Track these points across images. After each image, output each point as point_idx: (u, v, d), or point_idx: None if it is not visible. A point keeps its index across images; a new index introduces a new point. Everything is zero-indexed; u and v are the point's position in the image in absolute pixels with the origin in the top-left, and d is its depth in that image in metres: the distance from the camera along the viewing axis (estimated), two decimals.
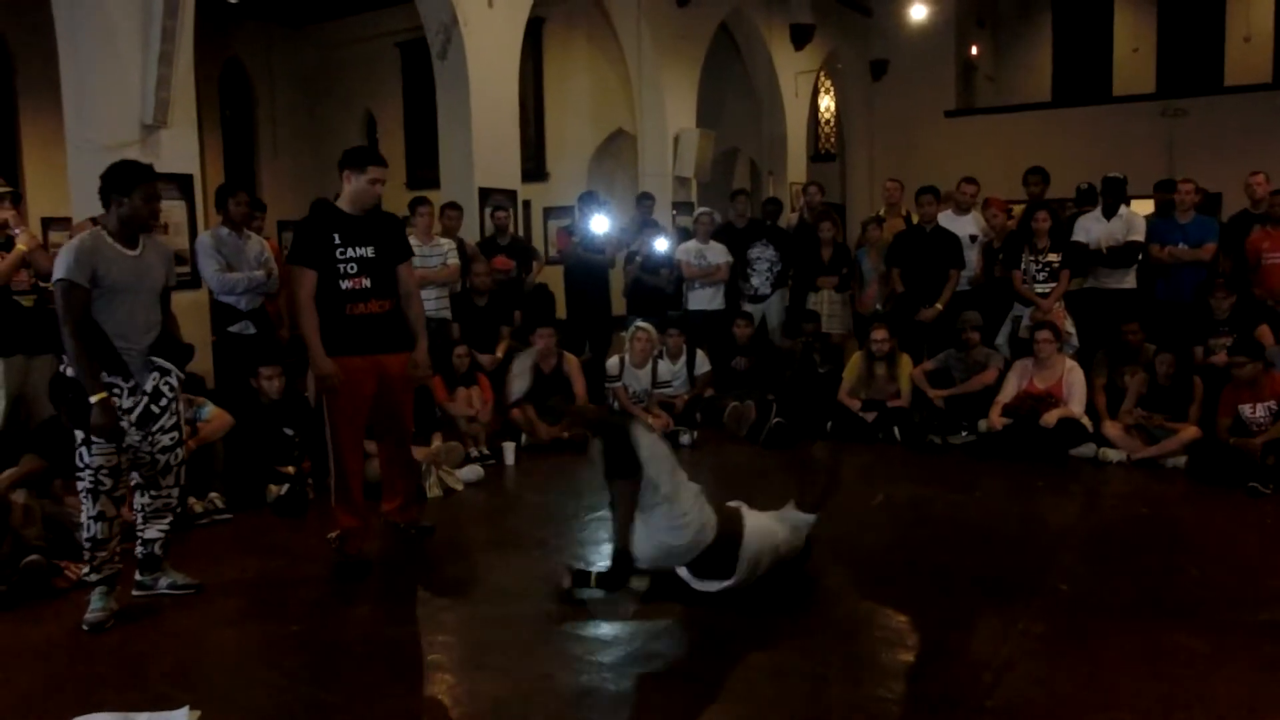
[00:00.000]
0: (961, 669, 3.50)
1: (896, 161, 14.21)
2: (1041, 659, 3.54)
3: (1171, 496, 5.89)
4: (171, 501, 4.20)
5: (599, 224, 8.85)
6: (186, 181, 6.56)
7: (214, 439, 5.53)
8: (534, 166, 13.07)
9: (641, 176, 11.53)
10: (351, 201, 4.60)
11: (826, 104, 16.59)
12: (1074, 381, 6.87)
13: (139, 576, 4.22)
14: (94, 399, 3.79)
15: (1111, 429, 6.61)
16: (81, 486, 3.94)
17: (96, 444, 3.87)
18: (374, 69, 14.72)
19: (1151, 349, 6.78)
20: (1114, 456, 6.51)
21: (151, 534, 4.18)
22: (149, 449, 4.04)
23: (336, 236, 4.51)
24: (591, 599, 4.14)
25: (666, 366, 7.68)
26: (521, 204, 9.62)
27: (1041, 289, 7.50)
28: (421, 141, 13.18)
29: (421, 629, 4.03)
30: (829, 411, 7.51)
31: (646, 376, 7.54)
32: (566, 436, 7.19)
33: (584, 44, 13.47)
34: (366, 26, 14.32)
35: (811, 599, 4.12)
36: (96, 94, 6.16)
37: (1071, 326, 7.49)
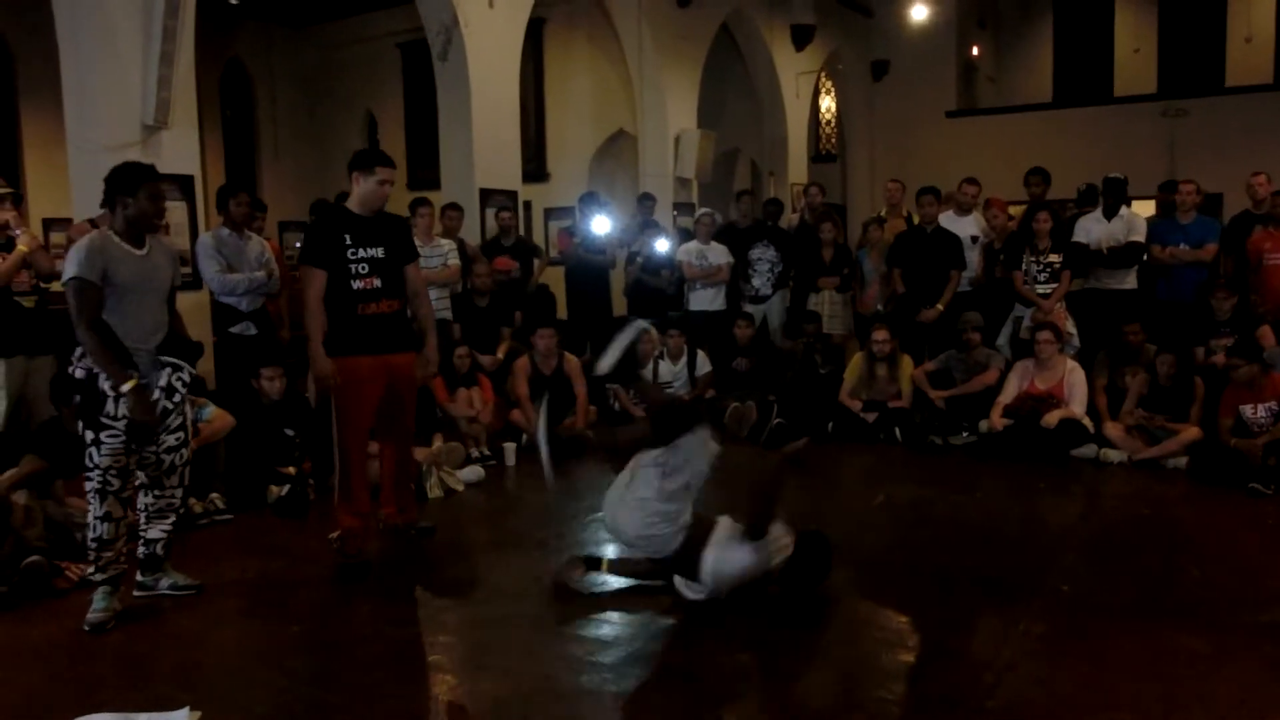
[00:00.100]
0: (962, 669, 3.50)
1: (897, 162, 14.19)
2: (1042, 659, 3.54)
3: (1172, 497, 5.89)
4: (175, 502, 4.21)
5: (600, 225, 8.85)
6: (187, 182, 6.56)
7: (215, 440, 5.53)
8: (535, 167, 13.06)
9: (642, 177, 11.53)
10: (361, 203, 4.64)
11: (827, 105, 16.58)
12: (1075, 382, 6.87)
13: (140, 577, 4.22)
14: (126, 388, 3.77)
15: (1112, 430, 6.61)
16: (89, 487, 3.93)
17: (105, 444, 3.86)
18: (375, 70, 14.72)
19: (1152, 350, 6.78)
20: (1115, 457, 6.51)
21: (154, 534, 4.19)
22: (155, 449, 4.05)
23: (348, 237, 4.55)
24: (598, 585, 4.14)
25: (667, 367, 7.68)
26: (522, 205, 9.61)
27: (1042, 290, 7.50)
28: (422, 142, 13.17)
29: (422, 629, 4.04)
30: (830, 412, 7.52)
31: (647, 377, 7.54)
32: (566, 439, 7.20)
33: (585, 44, 13.45)
34: (367, 27, 14.31)
35: (812, 600, 4.11)
36: (97, 94, 6.16)
37: (1072, 327, 7.49)
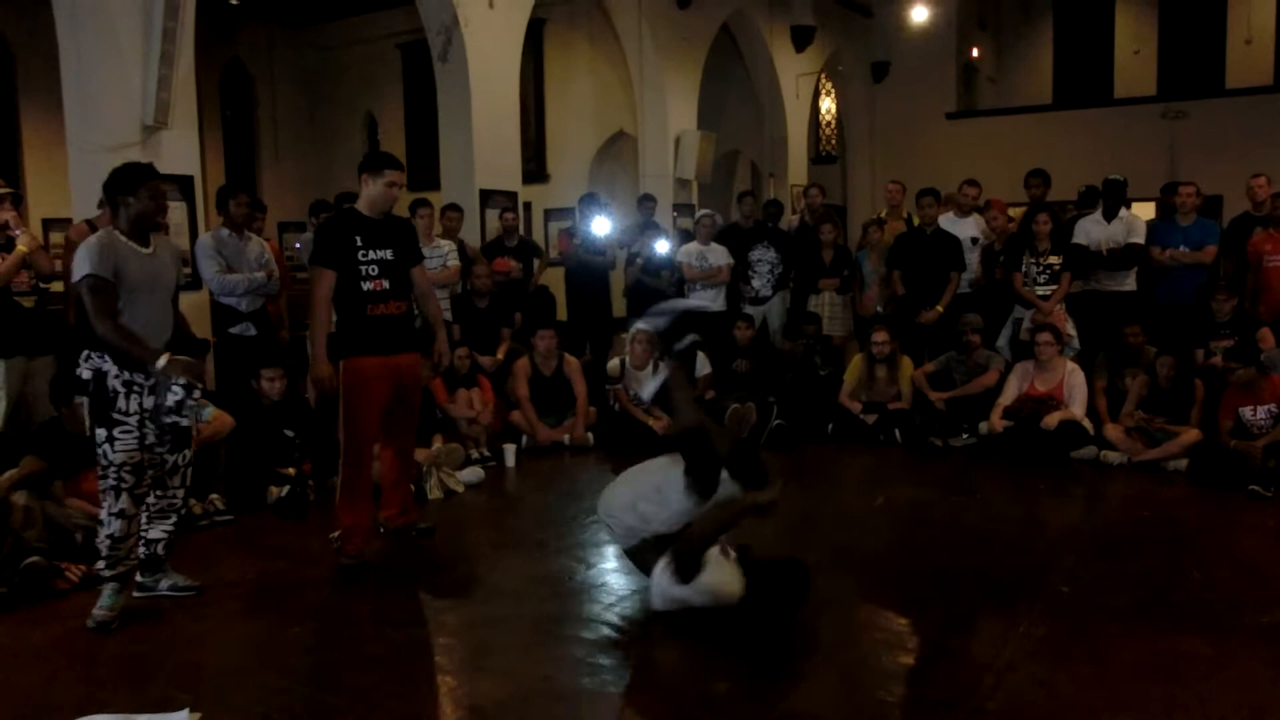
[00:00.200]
0: (963, 671, 3.49)
1: (897, 164, 14.19)
2: (1043, 661, 3.53)
3: (1172, 499, 5.88)
4: (176, 502, 4.21)
5: (600, 226, 8.85)
6: (187, 183, 6.56)
7: (215, 440, 5.53)
8: (535, 168, 13.06)
9: (642, 178, 11.53)
10: (370, 205, 4.68)
11: (827, 106, 16.57)
12: (1075, 384, 6.87)
13: (140, 577, 4.21)
14: (161, 362, 3.78)
15: (1112, 431, 6.61)
16: (104, 485, 3.93)
17: (119, 440, 3.86)
18: (375, 70, 14.72)
19: (1152, 352, 6.77)
20: (1115, 459, 6.51)
21: (155, 534, 4.18)
22: (160, 449, 4.05)
23: (358, 239, 4.59)
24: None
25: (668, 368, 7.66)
26: (522, 206, 9.62)
27: (1042, 291, 7.49)
28: (422, 143, 13.17)
29: (422, 630, 4.03)
30: (830, 414, 7.52)
31: (647, 378, 7.53)
32: (567, 440, 7.21)
33: (585, 45, 13.46)
34: (367, 28, 14.32)
35: (812, 601, 4.11)
36: (97, 95, 6.16)
37: (1072, 329, 7.49)
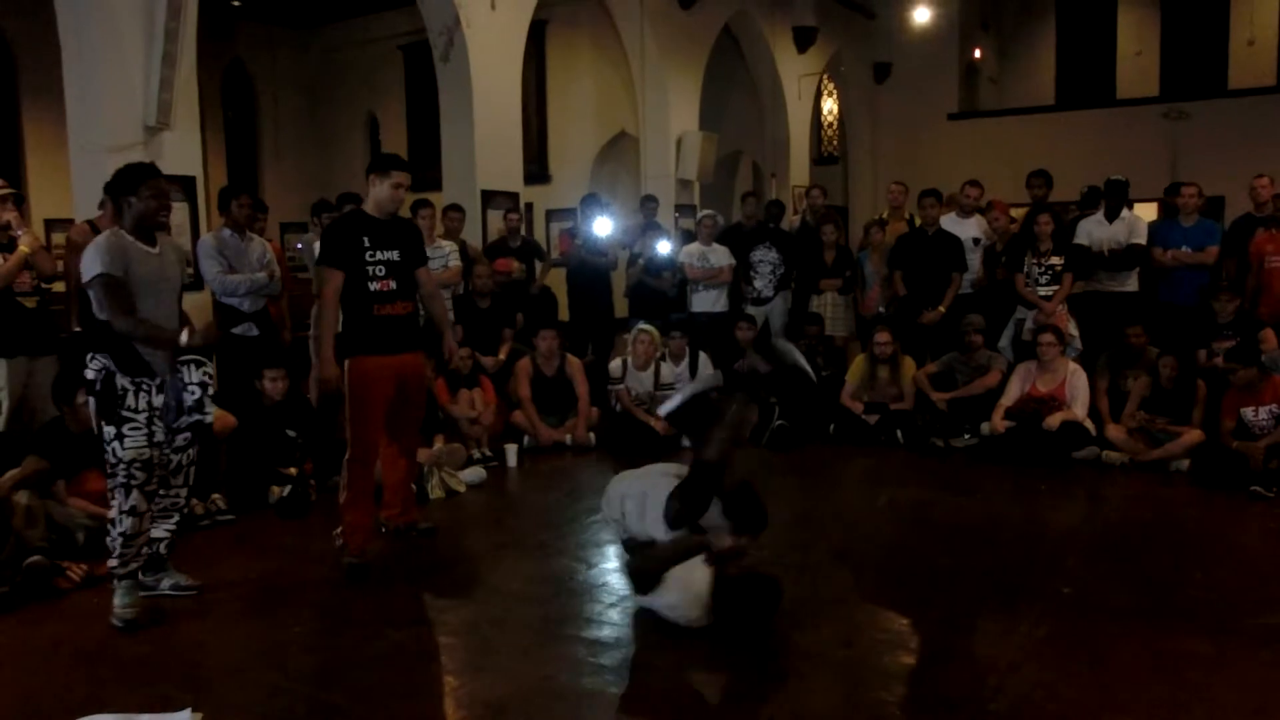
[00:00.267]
0: (965, 672, 3.49)
1: (899, 164, 14.19)
2: (1045, 662, 3.53)
3: (1174, 500, 5.88)
4: (179, 502, 4.22)
5: (602, 226, 8.85)
6: (189, 183, 6.56)
7: (216, 440, 5.52)
8: (537, 169, 13.07)
9: (644, 179, 11.53)
10: (376, 206, 4.72)
11: (829, 107, 16.58)
12: (1077, 384, 6.86)
13: (141, 576, 4.20)
14: (184, 337, 3.85)
15: (1114, 432, 6.60)
16: (114, 483, 3.92)
17: (128, 438, 3.85)
18: (377, 71, 14.73)
19: (1154, 352, 6.77)
20: (1117, 460, 6.50)
21: (157, 533, 4.18)
22: (168, 449, 4.05)
23: (366, 240, 4.63)
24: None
25: (669, 369, 7.67)
26: (524, 206, 9.62)
27: (1044, 292, 7.48)
28: (424, 143, 13.17)
29: (423, 630, 4.03)
30: (832, 414, 7.51)
31: (649, 379, 7.53)
32: (569, 440, 7.20)
33: (587, 46, 13.47)
34: (369, 29, 14.33)
35: (814, 601, 4.11)
36: (99, 96, 6.16)
37: (1074, 329, 7.47)
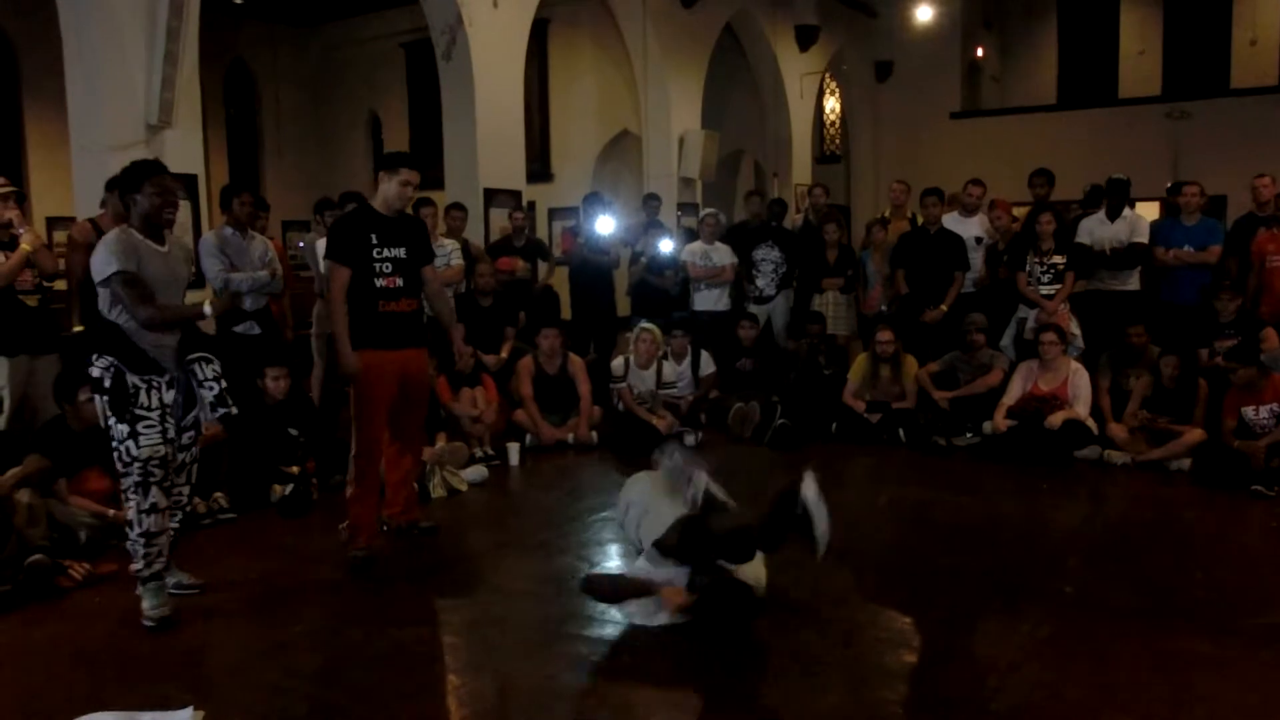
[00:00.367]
0: (966, 671, 3.49)
1: (901, 163, 14.18)
2: (1046, 662, 3.53)
3: (1176, 499, 5.88)
4: (182, 500, 4.22)
5: (604, 225, 8.85)
6: (191, 181, 6.57)
7: (218, 440, 5.52)
8: (539, 167, 13.08)
9: (646, 178, 11.54)
10: (384, 202, 4.75)
11: (831, 105, 16.57)
12: (1079, 383, 6.86)
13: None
14: (207, 308, 4.05)
15: (1116, 431, 6.60)
16: (129, 481, 3.89)
17: (143, 435, 3.84)
18: (379, 69, 14.73)
19: (1156, 351, 6.76)
20: (1118, 459, 6.50)
21: None
22: (179, 450, 4.06)
23: (374, 237, 4.65)
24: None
25: (671, 367, 7.67)
26: (526, 205, 9.62)
27: (1046, 291, 7.48)
28: (426, 142, 13.18)
29: (425, 630, 4.03)
30: (834, 413, 7.51)
31: (651, 377, 7.53)
32: (571, 439, 7.20)
33: (589, 45, 13.47)
34: (371, 27, 14.34)
35: (814, 600, 4.11)
36: (101, 94, 6.17)
37: (1076, 328, 7.46)
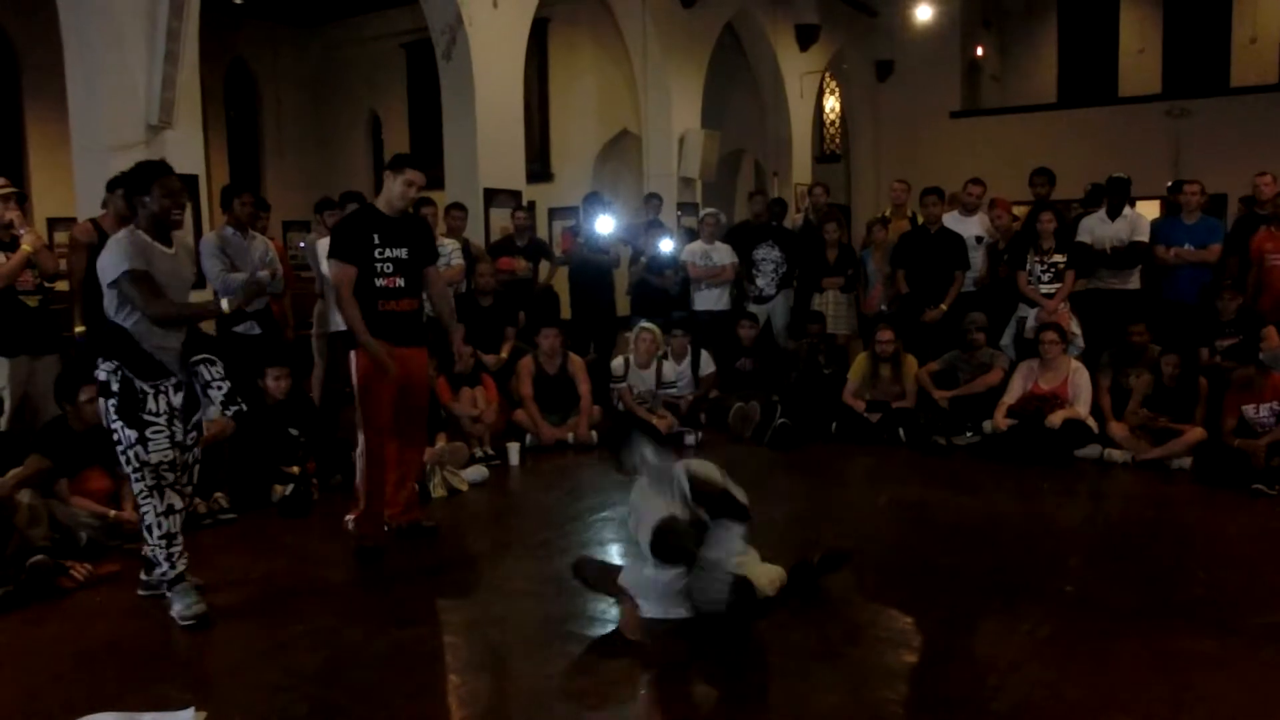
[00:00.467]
0: (967, 671, 3.49)
1: (902, 162, 14.19)
2: (1047, 661, 3.52)
3: (1177, 498, 5.87)
4: (186, 500, 4.21)
5: (604, 225, 8.85)
6: (191, 182, 6.56)
7: (219, 440, 5.52)
8: (539, 167, 13.08)
9: (646, 177, 11.54)
10: (387, 202, 4.80)
11: (831, 105, 16.57)
12: (1079, 382, 6.86)
13: (144, 576, 4.21)
14: (225, 304, 4.05)
15: (1117, 430, 6.60)
16: (141, 487, 3.88)
17: (152, 440, 3.84)
18: (379, 69, 14.74)
19: (1157, 350, 6.76)
20: (1119, 458, 6.50)
21: None
22: (185, 451, 4.05)
23: (376, 237, 4.69)
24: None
25: (671, 367, 7.68)
26: (526, 205, 9.62)
27: (1046, 290, 7.48)
28: (426, 142, 13.18)
29: (426, 630, 4.03)
30: (834, 413, 7.51)
31: (651, 377, 7.54)
32: (571, 439, 7.20)
33: (589, 44, 13.47)
34: (372, 27, 14.34)
35: (815, 601, 4.11)
36: (102, 94, 6.17)
37: (1077, 327, 7.46)
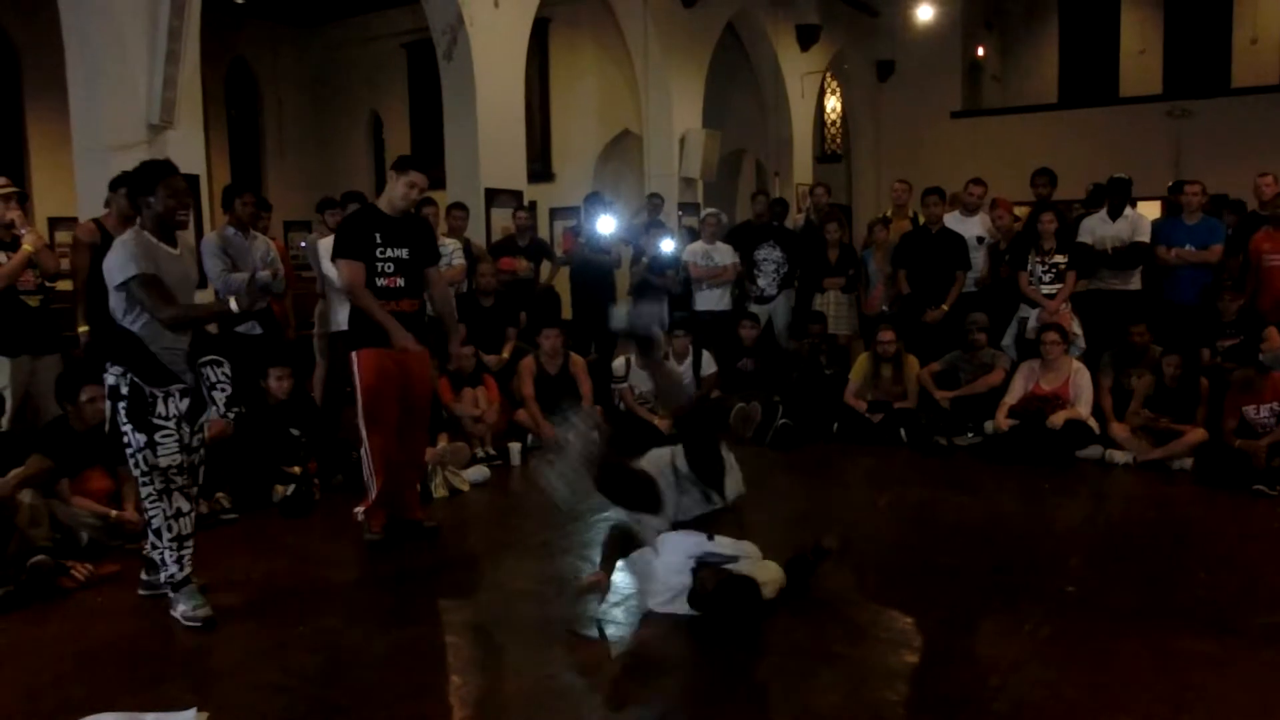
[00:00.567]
0: (968, 671, 3.49)
1: (903, 162, 14.16)
2: (1048, 661, 3.53)
3: (1178, 498, 5.88)
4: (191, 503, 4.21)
5: (605, 225, 8.85)
6: (192, 182, 6.54)
7: (221, 440, 5.52)
8: (540, 167, 13.08)
9: (648, 177, 11.54)
10: (389, 203, 4.85)
11: (832, 105, 16.56)
12: (1080, 383, 6.86)
13: (145, 576, 4.22)
14: (233, 304, 3.93)
15: (1118, 431, 6.60)
16: (150, 490, 3.89)
17: (161, 444, 3.84)
18: (380, 69, 14.73)
19: (1158, 350, 6.76)
20: (1120, 458, 6.50)
21: None
22: (193, 454, 4.05)
23: (378, 236, 4.73)
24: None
25: (672, 367, 7.67)
26: (528, 205, 9.63)
27: (1048, 290, 7.47)
28: (427, 142, 13.18)
29: (427, 630, 4.04)
30: (835, 413, 7.51)
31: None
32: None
33: (590, 44, 13.46)
34: (372, 27, 14.33)
35: (817, 601, 4.11)
36: (103, 94, 6.17)
37: (1078, 328, 7.46)
